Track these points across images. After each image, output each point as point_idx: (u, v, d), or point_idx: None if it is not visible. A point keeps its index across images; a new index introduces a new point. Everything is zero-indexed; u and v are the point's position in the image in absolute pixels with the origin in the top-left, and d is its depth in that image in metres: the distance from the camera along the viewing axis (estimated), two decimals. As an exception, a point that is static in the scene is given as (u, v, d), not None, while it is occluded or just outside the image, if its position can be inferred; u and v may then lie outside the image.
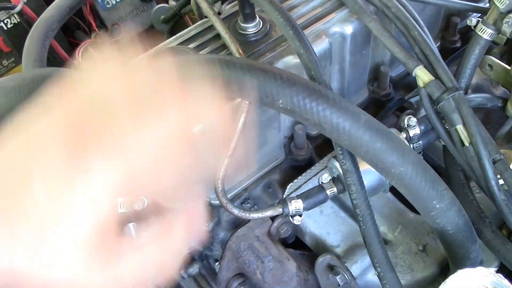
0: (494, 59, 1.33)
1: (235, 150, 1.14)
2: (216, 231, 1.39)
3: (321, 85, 1.14)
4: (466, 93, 1.36)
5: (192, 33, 1.36)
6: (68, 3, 1.67)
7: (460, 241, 1.12)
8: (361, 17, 1.33)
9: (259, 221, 1.34)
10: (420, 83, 1.24)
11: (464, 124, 1.18)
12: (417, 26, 1.27)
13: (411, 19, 1.29)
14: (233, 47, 1.22)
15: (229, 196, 1.33)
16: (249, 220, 1.32)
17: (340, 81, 1.44)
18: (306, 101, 0.96)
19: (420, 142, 1.26)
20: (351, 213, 1.37)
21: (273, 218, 1.34)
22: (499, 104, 1.30)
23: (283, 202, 1.22)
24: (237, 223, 1.37)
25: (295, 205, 1.21)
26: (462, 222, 1.09)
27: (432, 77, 1.23)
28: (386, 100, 1.54)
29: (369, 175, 1.18)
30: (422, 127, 1.27)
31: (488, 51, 1.40)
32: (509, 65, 1.37)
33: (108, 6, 2.10)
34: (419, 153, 1.28)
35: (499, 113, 1.43)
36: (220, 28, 1.27)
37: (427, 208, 1.06)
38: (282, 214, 1.23)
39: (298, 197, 1.23)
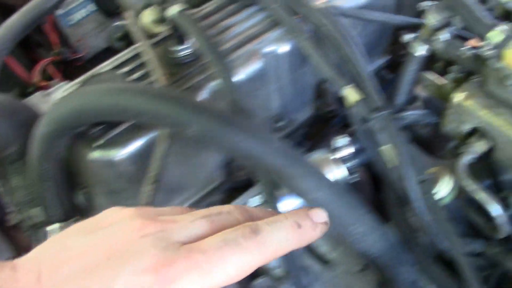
0: (427, 75, 1.30)
1: (157, 177, 1.12)
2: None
3: (238, 111, 1.13)
4: (403, 110, 1.34)
5: (126, 57, 1.34)
6: (22, 21, 1.65)
7: (386, 264, 1.09)
8: (294, 35, 1.31)
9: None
10: (348, 103, 1.21)
11: (391, 144, 1.15)
12: (347, 44, 1.25)
13: (341, 37, 1.26)
14: (158, 74, 1.20)
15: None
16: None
17: (281, 99, 1.42)
18: (217, 129, 0.95)
19: (356, 160, 1.23)
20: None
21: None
22: (435, 120, 1.27)
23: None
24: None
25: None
26: (386, 245, 1.07)
27: (359, 97, 1.20)
28: (331, 117, 1.52)
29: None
30: (358, 145, 1.24)
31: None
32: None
33: (71, 22, 2.09)
34: (356, 171, 1.25)
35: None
36: (148, 53, 1.25)
37: (346, 233, 1.04)
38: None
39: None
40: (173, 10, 1.25)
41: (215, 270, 0.57)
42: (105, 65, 1.36)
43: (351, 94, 1.21)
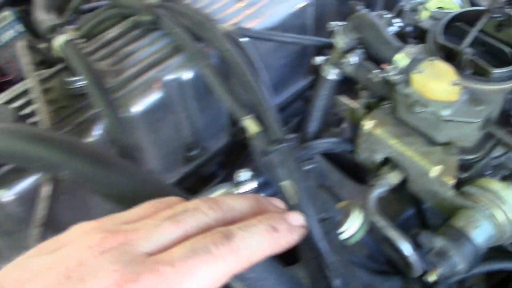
0: (343, 98, 1.19)
1: (43, 220, 1.03)
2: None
3: (122, 148, 1.02)
4: (315, 137, 1.23)
5: (21, 89, 1.23)
6: None
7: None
8: (196, 62, 1.20)
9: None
10: (249, 135, 1.10)
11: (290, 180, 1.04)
12: (246, 71, 1.14)
13: (241, 63, 1.15)
14: (42, 112, 1.09)
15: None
16: None
17: (192, 128, 1.31)
18: (90, 171, 0.84)
19: (263, 195, 1.12)
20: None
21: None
22: (349, 149, 1.16)
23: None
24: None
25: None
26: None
27: (259, 129, 1.09)
28: (249, 144, 1.40)
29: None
30: (262, 179, 1.13)
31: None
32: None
33: (-1, 44, 1.97)
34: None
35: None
36: (34, 88, 1.14)
37: (238, 277, 0.93)
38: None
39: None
40: (59, 40, 1.14)
41: (185, 284, 0.53)
42: (1, 97, 1.25)
43: (250, 126, 1.10)
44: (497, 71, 1.03)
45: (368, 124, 1.09)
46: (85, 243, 0.56)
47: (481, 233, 0.99)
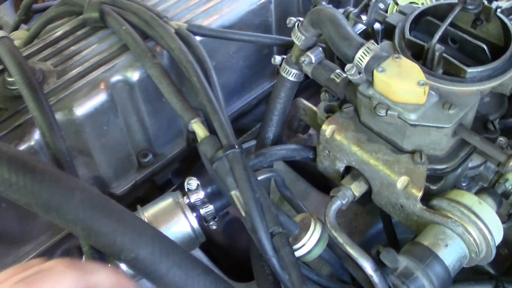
0: (304, 101, 1.05)
1: None
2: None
3: (56, 154, 0.89)
4: (275, 143, 1.09)
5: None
6: None
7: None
8: (142, 62, 1.06)
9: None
10: (199, 140, 0.97)
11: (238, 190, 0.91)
12: (195, 72, 1.00)
13: (193, 63, 1.02)
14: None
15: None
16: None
17: (144, 133, 1.18)
18: (11, 177, 0.71)
19: (210, 206, 0.98)
20: None
21: None
22: (310, 156, 1.02)
23: None
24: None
25: None
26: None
27: (207, 133, 0.95)
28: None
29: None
30: (209, 189, 0.99)
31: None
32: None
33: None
34: (213, 218, 0.99)
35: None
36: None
37: None
38: None
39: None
40: (-4, 38, 1.01)
41: None
42: None
43: (199, 129, 0.96)
44: (471, 70, 0.89)
45: (327, 130, 0.95)
46: None
47: (452, 252, 0.86)
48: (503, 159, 0.86)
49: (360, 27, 1.16)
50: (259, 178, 1.00)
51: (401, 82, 0.85)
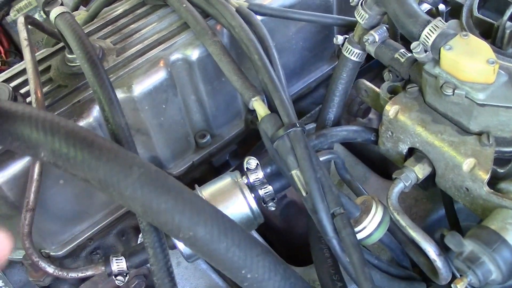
0: (366, 82, 1.03)
1: (33, 204, 0.91)
2: (58, 285, 1.15)
3: (115, 129, 0.89)
4: (335, 125, 1.08)
5: (18, 68, 1.12)
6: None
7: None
8: (203, 40, 1.06)
9: (104, 275, 1.08)
10: (259, 118, 0.96)
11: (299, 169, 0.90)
12: (256, 50, 0.99)
13: (254, 41, 1.01)
14: (33, 92, 0.97)
15: (69, 248, 1.11)
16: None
17: (202, 113, 1.18)
18: (69, 151, 0.71)
19: (269, 187, 0.97)
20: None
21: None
22: (372, 138, 1.01)
23: (106, 261, 0.97)
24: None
25: (118, 264, 0.96)
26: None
27: (268, 111, 0.95)
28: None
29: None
30: (268, 170, 0.98)
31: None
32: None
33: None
34: (272, 199, 0.99)
35: None
36: (28, 67, 1.01)
37: (237, 278, 0.79)
38: (104, 272, 0.98)
39: (122, 254, 0.97)
40: (54, 13, 1.02)
41: None
42: (1, 76, 1.15)
43: (259, 108, 0.96)
44: (543, 50, 0.86)
45: (391, 110, 0.93)
46: None
47: (520, 237, 0.82)
48: None
49: (425, 7, 1.13)
50: (321, 159, 0.99)
51: (469, 60, 0.82)
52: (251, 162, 0.97)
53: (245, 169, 0.97)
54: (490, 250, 0.80)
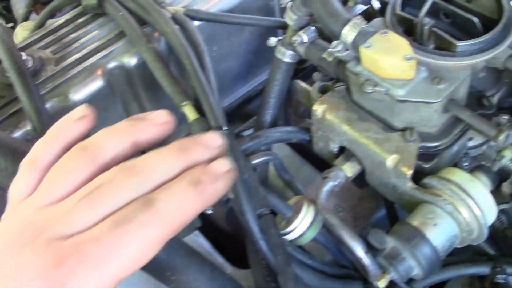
0: (301, 83, 1.03)
1: None
2: None
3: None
4: (272, 126, 1.08)
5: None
6: None
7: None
8: (137, 47, 1.06)
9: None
10: (189, 122, 0.96)
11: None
12: (189, 54, 1.00)
13: (185, 46, 1.01)
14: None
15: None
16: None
17: (146, 120, 1.16)
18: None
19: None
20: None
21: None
22: (306, 138, 1.00)
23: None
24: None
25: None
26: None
27: (197, 115, 0.95)
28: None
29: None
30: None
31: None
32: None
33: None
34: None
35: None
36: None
37: (163, 280, 0.79)
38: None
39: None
40: (-5, 26, 1.02)
41: (112, 257, 0.48)
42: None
43: (189, 112, 0.96)
44: (461, 44, 0.86)
45: (318, 110, 0.93)
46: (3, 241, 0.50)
47: (441, 232, 0.82)
48: (493, 133, 0.82)
49: (361, 7, 1.13)
50: (254, 161, 0.98)
51: (387, 57, 0.82)
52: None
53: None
54: (410, 246, 0.80)
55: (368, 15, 1.12)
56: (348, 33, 0.85)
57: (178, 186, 0.52)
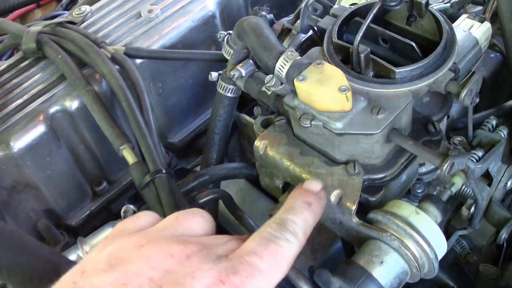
0: (246, 117, 0.98)
1: None
2: None
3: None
4: (219, 163, 1.02)
5: None
6: None
7: None
8: (77, 89, 1.01)
9: None
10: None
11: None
12: (127, 95, 0.94)
13: (123, 88, 0.96)
14: None
15: None
16: None
17: (95, 161, 1.13)
18: None
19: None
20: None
21: None
22: (254, 173, 0.95)
23: None
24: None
25: None
26: None
27: (135, 159, 0.89)
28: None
29: None
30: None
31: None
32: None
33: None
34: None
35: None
36: None
37: None
38: None
39: None
40: None
41: (274, 267, 0.58)
42: None
43: (127, 156, 0.90)
44: (400, 70, 0.80)
45: (260, 145, 0.88)
46: (161, 253, 0.55)
47: (388, 269, 0.76)
48: (437, 163, 0.77)
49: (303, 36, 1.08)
50: (201, 200, 0.93)
51: (321, 90, 0.76)
52: (128, 210, 0.91)
53: (122, 217, 0.91)
54: (355, 286, 0.74)
55: (313, 43, 1.07)
56: (282, 66, 0.80)
57: (297, 208, 0.69)
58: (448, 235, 0.97)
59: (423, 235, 0.76)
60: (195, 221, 0.64)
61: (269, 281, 0.57)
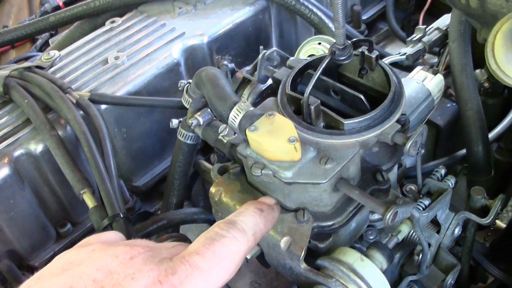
0: (205, 163, 1.01)
1: None
2: None
3: None
4: (178, 207, 1.05)
5: None
6: None
7: None
8: (42, 133, 1.03)
9: None
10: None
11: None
12: (89, 141, 0.97)
13: (86, 133, 0.99)
14: None
15: None
16: None
17: (59, 203, 1.15)
18: None
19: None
20: None
21: None
22: (211, 218, 0.97)
23: None
24: None
25: None
26: None
27: (95, 203, 0.91)
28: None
29: None
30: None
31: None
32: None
33: None
34: None
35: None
36: None
37: None
38: None
39: None
40: None
41: (216, 265, 0.59)
42: None
43: (87, 200, 0.92)
44: (348, 122, 0.83)
45: (214, 192, 0.90)
46: (106, 255, 0.58)
47: (333, 317, 0.78)
48: (381, 212, 0.80)
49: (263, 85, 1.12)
50: (161, 244, 0.95)
51: (271, 140, 0.79)
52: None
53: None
54: (302, 332, 0.76)
55: (274, 92, 1.11)
56: (235, 117, 0.83)
57: (248, 211, 0.72)
58: (401, 280, 0.99)
59: (366, 281, 0.78)
60: None
61: (209, 280, 0.58)
